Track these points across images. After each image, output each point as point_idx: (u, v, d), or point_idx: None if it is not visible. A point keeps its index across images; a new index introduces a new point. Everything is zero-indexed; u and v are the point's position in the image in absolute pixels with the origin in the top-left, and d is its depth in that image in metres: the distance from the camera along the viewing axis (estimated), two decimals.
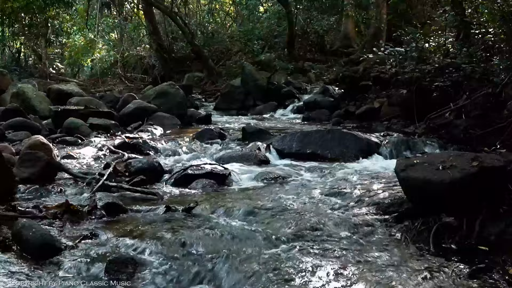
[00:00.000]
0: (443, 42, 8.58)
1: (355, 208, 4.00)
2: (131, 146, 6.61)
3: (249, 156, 6.00)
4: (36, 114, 9.33)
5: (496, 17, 6.52)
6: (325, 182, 4.94)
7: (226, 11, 24.30)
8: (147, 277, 2.84)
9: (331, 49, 19.60)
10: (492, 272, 2.87)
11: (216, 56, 20.12)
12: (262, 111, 12.33)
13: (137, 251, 3.09)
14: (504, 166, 3.51)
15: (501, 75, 6.52)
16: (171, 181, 5.03)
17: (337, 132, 6.68)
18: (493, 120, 6.32)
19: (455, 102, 7.31)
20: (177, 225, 3.58)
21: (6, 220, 3.57)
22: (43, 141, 5.51)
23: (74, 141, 7.27)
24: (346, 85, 11.53)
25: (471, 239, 3.27)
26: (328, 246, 3.26)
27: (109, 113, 9.19)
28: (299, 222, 3.63)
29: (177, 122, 9.63)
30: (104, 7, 22.81)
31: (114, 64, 21.60)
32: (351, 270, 2.92)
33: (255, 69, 14.29)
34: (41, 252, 3.04)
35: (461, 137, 6.50)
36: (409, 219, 3.59)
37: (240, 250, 3.15)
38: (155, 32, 19.61)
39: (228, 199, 4.39)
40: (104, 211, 3.84)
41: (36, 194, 4.45)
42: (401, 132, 7.66)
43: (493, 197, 3.47)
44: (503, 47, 6.81)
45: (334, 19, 18.66)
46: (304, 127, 9.32)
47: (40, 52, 21.45)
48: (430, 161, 3.73)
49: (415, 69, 8.01)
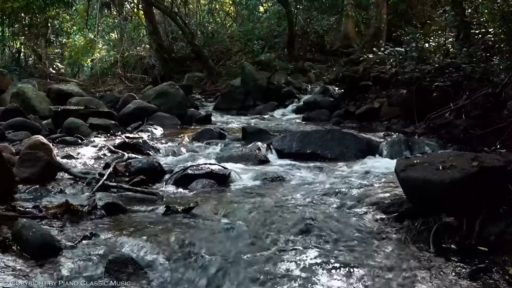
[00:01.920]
0: (443, 42, 8.58)
1: (355, 208, 4.00)
2: (131, 146, 6.61)
3: (249, 156, 6.00)
4: (36, 114, 9.32)
5: (496, 17, 6.52)
6: (325, 182, 4.94)
7: (226, 11, 24.30)
8: (147, 277, 2.84)
9: (331, 49, 19.60)
10: (492, 272, 2.88)
11: (216, 56, 20.13)
12: (262, 111, 12.33)
13: (137, 251, 3.09)
14: (504, 166, 3.51)
15: (501, 75, 6.52)
16: (171, 181, 5.02)
17: (337, 132, 6.68)
18: (493, 120, 6.31)
19: (455, 102, 7.31)
20: (177, 225, 3.57)
21: (6, 220, 3.57)
22: (43, 141, 5.51)
23: (74, 141, 7.26)
24: (346, 85, 11.54)
25: (471, 239, 3.27)
26: (328, 246, 3.26)
27: (109, 113, 9.18)
28: (299, 222, 3.63)
29: (177, 122, 9.64)
30: (104, 7, 22.81)
31: (114, 64, 21.60)
32: (351, 270, 2.92)
33: (255, 69, 14.29)
34: (41, 252, 3.03)
35: (461, 137, 6.50)
36: (409, 219, 3.59)
37: (240, 250, 3.15)
38: (155, 32, 19.61)
39: (228, 199, 4.40)
40: (104, 211, 3.84)
41: (36, 194, 4.45)
42: (401, 132, 7.66)
43: (493, 197, 3.47)
44: (503, 47, 6.81)
45: (334, 19, 18.66)
46: (304, 127, 9.33)
47: (40, 52, 21.45)
48: (430, 161, 3.73)
49: (415, 69, 8.02)
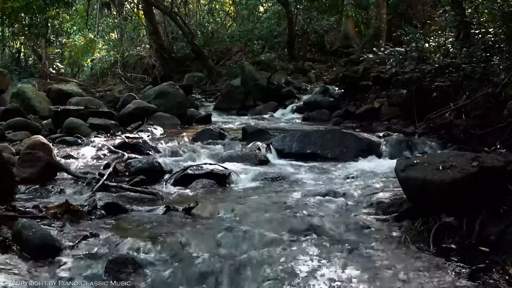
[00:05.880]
0: (443, 42, 8.58)
1: (355, 208, 4.00)
2: (131, 146, 6.60)
3: (249, 156, 6.00)
4: (36, 114, 9.32)
5: (496, 17, 6.53)
6: (325, 182, 4.94)
7: (226, 11, 24.29)
8: (147, 277, 2.84)
9: (331, 49, 19.60)
10: (492, 272, 2.87)
11: (216, 56, 20.13)
12: (262, 111, 12.33)
13: (137, 251, 3.09)
14: (504, 166, 3.51)
15: (501, 75, 6.52)
16: (171, 181, 5.02)
17: (337, 132, 6.68)
18: (493, 120, 6.31)
19: (455, 102, 7.31)
20: (177, 225, 3.57)
21: (6, 220, 3.56)
22: (43, 141, 5.50)
23: (74, 141, 7.26)
24: (346, 85, 11.54)
25: (471, 239, 3.27)
26: (328, 246, 3.26)
27: (109, 113, 9.18)
28: (299, 222, 3.63)
29: (177, 122, 9.63)
30: (104, 7, 22.82)
31: (114, 64, 21.59)
32: (351, 270, 2.92)
33: (255, 69, 14.29)
34: (41, 252, 3.03)
35: (461, 137, 6.49)
36: (409, 219, 3.59)
37: (240, 250, 3.15)
38: (155, 32, 19.60)
39: (228, 199, 4.39)
40: (104, 211, 3.84)
41: (36, 194, 4.45)
42: (401, 132, 7.65)
43: (493, 197, 3.47)
44: (503, 47, 6.81)
45: (334, 19, 18.65)
46: (304, 127, 9.33)
47: (40, 52, 21.45)
48: (430, 161, 3.73)
49: (415, 69, 8.02)
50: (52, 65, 22.24)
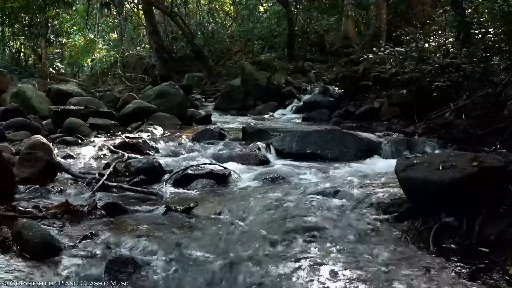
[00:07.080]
0: (443, 42, 8.58)
1: (355, 208, 4.00)
2: (131, 146, 6.60)
3: (249, 156, 6.00)
4: (36, 114, 9.31)
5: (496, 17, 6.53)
6: (325, 182, 4.93)
7: (226, 11, 24.31)
8: (147, 277, 2.84)
9: (331, 49, 19.58)
10: (492, 272, 2.87)
11: (216, 56, 20.14)
12: (262, 111, 12.34)
13: (137, 251, 3.09)
14: (504, 166, 3.50)
15: (501, 75, 6.53)
16: (171, 181, 5.02)
17: (337, 132, 6.68)
18: (493, 120, 6.31)
19: (455, 102, 7.31)
20: (177, 225, 3.57)
21: (6, 220, 3.57)
22: (43, 141, 5.51)
23: (74, 141, 7.25)
24: (346, 85, 11.54)
25: (471, 239, 3.27)
26: (328, 246, 3.26)
27: (109, 113, 9.18)
28: (299, 222, 3.63)
29: (177, 122, 9.63)
30: (104, 7, 22.81)
31: (114, 64, 21.60)
32: (351, 270, 2.92)
33: (255, 69, 14.29)
34: (41, 252, 3.03)
35: (461, 137, 6.49)
36: (409, 219, 3.59)
37: (240, 250, 3.15)
38: (155, 32, 19.63)
39: (228, 199, 4.39)
40: (104, 211, 3.84)
41: (36, 194, 4.44)
42: (401, 132, 7.66)
43: (493, 197, 3.47)
44: (503, 47, 6.82)
45: (334, 19, 18.66)
46: (304, 127, 9.33)
47: (40, 52, 21.46)
48: (430, 161, 3.73)
49: (415, 69, 8.01)
50: (52, 65, 22.26)
